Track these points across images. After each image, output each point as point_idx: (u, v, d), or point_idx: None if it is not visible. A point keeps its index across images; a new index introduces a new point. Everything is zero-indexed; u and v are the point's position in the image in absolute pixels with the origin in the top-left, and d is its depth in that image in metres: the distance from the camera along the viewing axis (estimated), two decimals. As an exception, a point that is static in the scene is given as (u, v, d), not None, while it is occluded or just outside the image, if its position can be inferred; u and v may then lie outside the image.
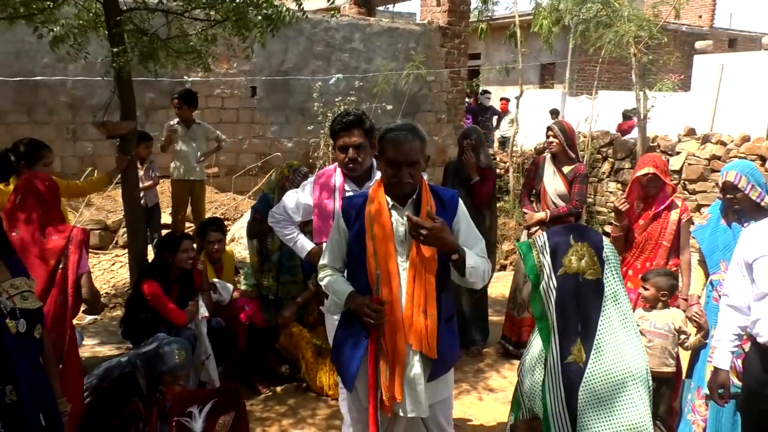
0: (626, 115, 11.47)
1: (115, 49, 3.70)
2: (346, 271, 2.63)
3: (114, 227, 7.15)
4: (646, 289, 3.41)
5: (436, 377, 2.46)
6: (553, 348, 2.16)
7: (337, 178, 3.19)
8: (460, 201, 2.55)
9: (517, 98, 10.47)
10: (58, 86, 7.65)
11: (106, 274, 6.33)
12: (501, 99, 13.55)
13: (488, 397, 4.21)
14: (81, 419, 2.99)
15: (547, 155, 4.72)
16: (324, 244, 2.80)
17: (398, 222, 2.42)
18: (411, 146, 2.34)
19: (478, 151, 4.81)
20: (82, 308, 3.41)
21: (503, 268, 8.37)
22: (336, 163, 3.26)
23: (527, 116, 11.13)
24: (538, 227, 4.67)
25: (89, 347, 4.65)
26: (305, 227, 3.59)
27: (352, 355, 2.52)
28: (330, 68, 9.48)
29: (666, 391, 3.42)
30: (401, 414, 2.46)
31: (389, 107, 9.19)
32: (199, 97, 7.94)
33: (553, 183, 4.62)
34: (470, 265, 2.34)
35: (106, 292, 5.88)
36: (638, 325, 3.40)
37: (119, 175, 4.29)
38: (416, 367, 2.41)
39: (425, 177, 2.63)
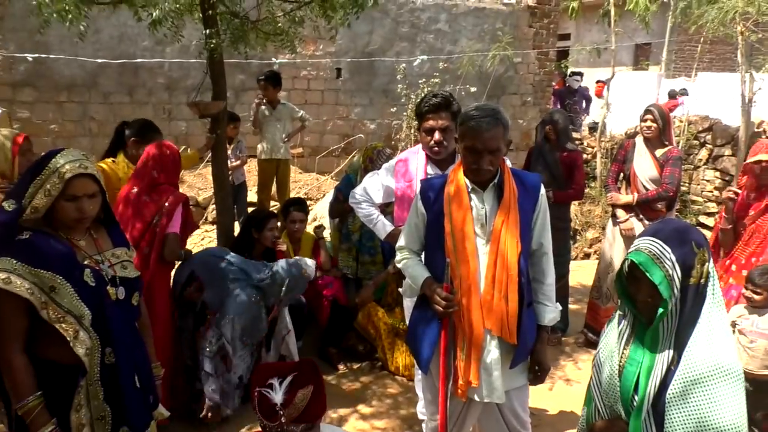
0: (672, 95, 10.83)
1: (208, 32, 3.83)
2: (423, 254, 2.62)
3: (204, 204, 7.48)
4: (756, 293, 3.17)
5: (517, 364, 2.42)
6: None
7: (420, 161, 3.17)
8: (542, 187, 2.48)
9: (608, 81, 10.02)
10: (157, 68, 8.03)
11: (196, 249, 6.63)
12: (597, 81, 12.97)
13: (564, 388, 4.12)
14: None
15: (639, 138, 4.49)
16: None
17: (478, 206, 2.38)
18: (492, 133, 2.26)
19: (564, 135, 4.65)
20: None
21: (587, 256, 8.10)
22: (419, 145, 3.23)
23: (619, 99, 10.65)
24: (628, 216, 4.47)
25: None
26: (386, 208, 3.60)
27: (426, 338, 2.51)
28: (415, 50, 9.42)
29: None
30: (476, 399, 2.44)
31: (473, 89, 9.04)
32: (286, 78, 8.12)
33: (644, 166, 4.39)
34: (550, 320, 2.51)
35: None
36: (737, 324, 3.22)
37: (209, 153, 4.46)
38: (494, 353, 2.37)
39: (508, 162, 2.57)
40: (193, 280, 3.54)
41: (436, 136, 2.99)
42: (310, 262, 4.37)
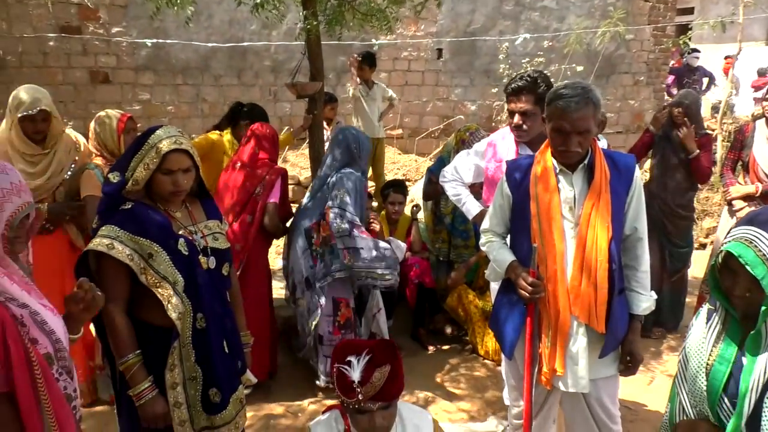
0: (761, 72, 9.69)
1: (305, 13, 3.91)
2: (509, 236, 2.56)
3: (306, 183, 7.69)
4: None
5: (607, 354, 2.31)
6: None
7: (511, 142, 3.08)
8: (637, 168, 2.33)
9: (734, 57, 9.22)
10: (263, 51, 8.32)
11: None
12: (725, 57, 11.97)
13: (665, 383, 3.88)
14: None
15: (761, 121, 4.11)
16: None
17: (566, 188, 2.28)
18: (581, 114, 2.13)
19: (696, 119, 4.35)
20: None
21: (703, 246, 7.57)
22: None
23: (748, 78, 9.79)
24: (744, 205, 4.11)
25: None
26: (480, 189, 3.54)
27: (511, 323, 2.46)
28: (518, 28, 9.13)
29: None
30: (561, 388, 2.36)
31: (580, 68, 8.63)
32: (386, 59, 8.14)
33: (765, 152, 4.02)
34: (644, 309, 2.35)
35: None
36: None
37: (305, 133, 4.60)
38: (581, 341, 2.28)
39: (603, 143, 2.43)
40: None
41: (516, 119, 2.92)
42: (401, 244, 4.40)
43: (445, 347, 4.37)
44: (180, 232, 2.06)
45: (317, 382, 3.66)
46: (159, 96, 8.09)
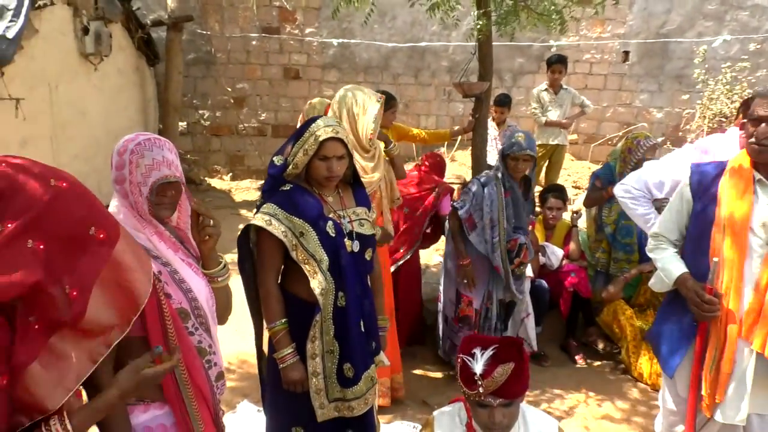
0: None
1: (477, 12, 3.95)
2: (681, 245, 2.38)
3: (470, 183, 7.74)
4: None
5: None
6: None
7: (734, 149, 2.70)
8: None
9: None
10: (441, 51, 8.49)
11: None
12: None
13: None
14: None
15: None
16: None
17: (763, 200, 2.07)
18: None
19: None
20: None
21: None
22: (732, 131, 2.83)
23: None
24: None
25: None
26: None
27: (676, 342, 2.32)
28: (721, 29, 8.29)
29: None
30: (718, 419, 2.17)
31: (793, 75, 7.65)
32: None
33: None
34: None
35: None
36: None
37: (465, 134, 4.65)
38: (749, 370, 2.08)
39: None
40: None
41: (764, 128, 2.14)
42: (558, 251, 4.28)
43: (596, 363, 4.16)
44: (330, 216, 2.23)
45: (438, 351, 4.07)
46: (341, 93, 8.63)
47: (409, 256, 4.05)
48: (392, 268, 3.88)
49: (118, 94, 6.95)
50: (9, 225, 1.13)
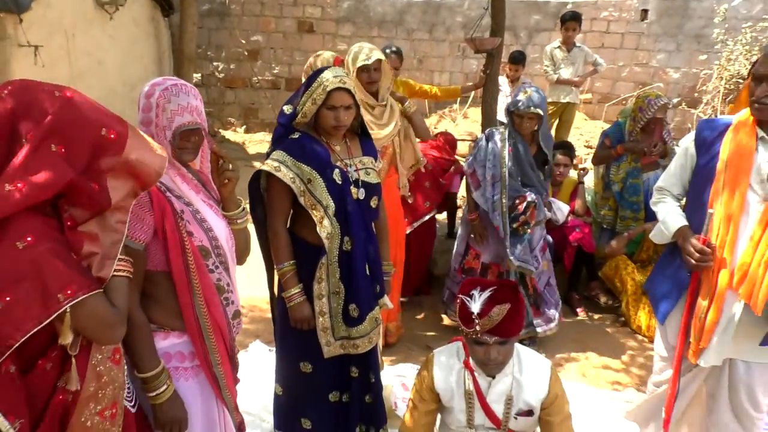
0: None
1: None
2: (684, 200, 2.44)
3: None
4: None
5: None
6: None
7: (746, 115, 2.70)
8: None
9: None
10: (456, 7, 8.40)
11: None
12: None
13: None
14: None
15: None
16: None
17: (763, 158, 2.11)
18: None
19: None
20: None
21: None
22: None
23: None
24: None
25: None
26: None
27: (669, 289, 2.40)
28: (750, -14, 8.09)
29: None
30: (701, 363, 2.27)
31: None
32: (583, 20, 7.76)
33: None
34: None
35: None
36: None
37: (476, 90, 4.67)
38: (735, 319, 2.16)
39: None
40: None
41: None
42: (564, 207, 4.35)
43: (596, 316, 4.29)
44: (336, 164, 2.31)
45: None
46: (355, 47, 8.58)
47: (434, 213, 4.21)
48: (416, 224, 4.01)
49: (134, 44, 6.99)
50: (30, 137, 1.27)
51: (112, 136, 1.38)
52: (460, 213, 5.08)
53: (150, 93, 1.76)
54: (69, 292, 1.29)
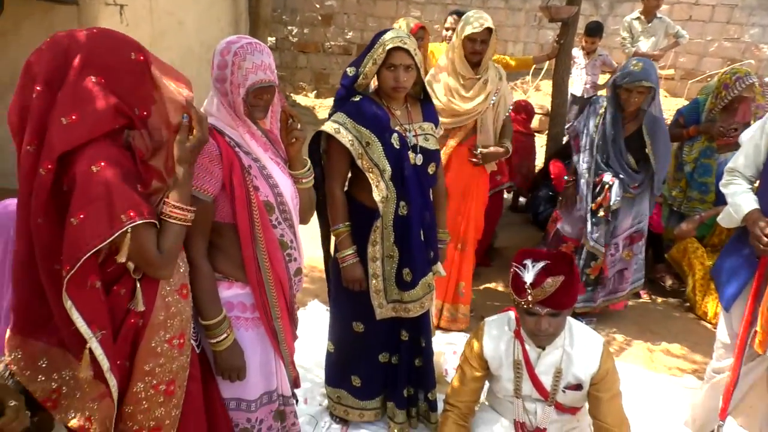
0: None
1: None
2: (757, 183, 2.32)
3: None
4: None
5: None
6: None
7: None
8: None
9: None
10: (537, -26, 8.13)
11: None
12: None
13: None
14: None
15: None
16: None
17: None
18: None
19: None
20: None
21: None
22: None
23: None
24: None
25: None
26: None
27: (736, 275, 2.31)
28: None
29: None
30: (763, 354, 2.19)
31: None
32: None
33: None
34: None
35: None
36: None
37: (549, 60, 4.53)
38: None
39: None
40: None
41: None
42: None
43: (660, 299, 4.15)
44: (395, 128, 2.32)
45: None
46: (429, 14, 8.48)
47: (504, 187, 4.20)
48: (492, 191, 3.93)
49: (212, 6, 7.14)
50: (72, 74, 1.40)
51: (141, 57, 1.50)
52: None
53: (225, 50, 1.79)
54: (132, 214, 1.41)
